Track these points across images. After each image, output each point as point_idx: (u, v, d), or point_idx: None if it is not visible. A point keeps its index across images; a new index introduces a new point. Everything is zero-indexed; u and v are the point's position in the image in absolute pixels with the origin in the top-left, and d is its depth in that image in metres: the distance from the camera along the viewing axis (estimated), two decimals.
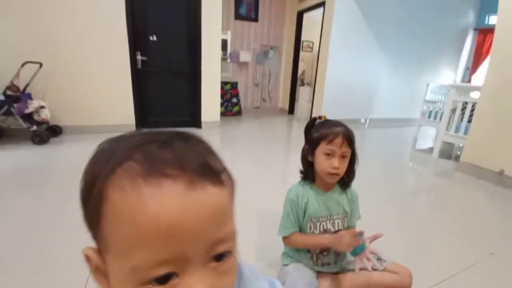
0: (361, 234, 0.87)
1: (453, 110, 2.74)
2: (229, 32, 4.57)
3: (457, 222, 1.63)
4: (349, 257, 1.02)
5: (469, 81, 5.14)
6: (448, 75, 5.21)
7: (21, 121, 2.35)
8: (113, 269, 0.22)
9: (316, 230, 0.93)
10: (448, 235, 1.47)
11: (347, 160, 0.88)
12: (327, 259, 0.96)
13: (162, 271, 0.20)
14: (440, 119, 2.96)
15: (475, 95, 2.65)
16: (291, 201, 0.93)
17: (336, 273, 0.98)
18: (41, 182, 1.77)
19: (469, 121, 2.55)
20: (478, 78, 4.98)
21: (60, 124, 2.78)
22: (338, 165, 0.86)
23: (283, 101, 5.31)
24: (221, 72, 4.54)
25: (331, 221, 0.94)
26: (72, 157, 2.24)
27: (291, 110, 5.11)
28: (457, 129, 2.70)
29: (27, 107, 2.35)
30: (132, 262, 0.20)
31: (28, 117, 2.40)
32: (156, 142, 0.23)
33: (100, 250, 0.23)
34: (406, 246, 1.33)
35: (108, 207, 0.21)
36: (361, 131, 4.12)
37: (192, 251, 0.21)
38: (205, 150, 0.26)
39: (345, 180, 0.95)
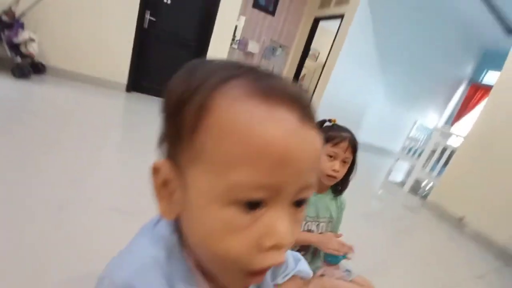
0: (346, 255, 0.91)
1: (433, 151, 2.92)
2: (242, 18, 4.48)
3: (414, 252, 1.77)
4: (319, 264, 1.06)
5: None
6: (434, 118, 5.53)
7: (7, 49, 2.16)
8: (199, 183, 0.21)
9: (301, 229, 0.96)
10: (404, 261, 1.58)
11: (347, 166, 0.91)
12: (305, 257, 0.99)
13: (257, 194, 0.20)
14: (419, 156, 3.14)
15: (454, 142, 2.85)
16: None
17: None
18: (14, 120, 1.63)
19: (444, 165, 2.73)
20: (459, 127, 5.34)
21: (46, 63, 2.57)
22: (339, 169, 0.89)
23: None
24: (226, 56, 4.46)
25: (316, 223, 0.97)
26: (51, 99, 2.10)
27: None
28: (432, 169, 2.88)
29: (16, 37, 2.16)
30: (232, 179, 0.19)
31: (15, 47, 2.21)
32: (259, 72, 0.22)
33: (179, 164, 0.22)
34: (366, 265, 1.40)
35: (213, 118, 0.20)
36: None
37: (290, 185, 0.21)
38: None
39: (339, 187, 0.98)
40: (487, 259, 2.02)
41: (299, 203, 0.23)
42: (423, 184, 3.39)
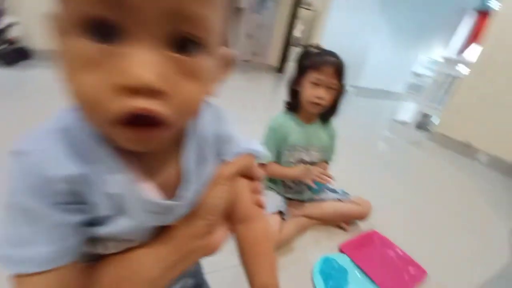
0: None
1: (441, 83, 2.80)
2: None
3: (419, 182, 1.80)
4: (322, 193, 1.10)
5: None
6: (439, 52, 5.21)
7: None
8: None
9: (292, 158, 0.97)
10: (407, 185, 1.61)
11: (333, 92, 0.89)
12: (299, 187, 1.03)
13: (95, 11, 0.16)
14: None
15: (462, 70, 2.70)
16: (272, 129, 0.95)
17: (304, 202, 1.07)
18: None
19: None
20: (466, 56, 5.04)
21: (33, 47, 2.52)
22: (323, 96, 0.87)
23: (274, 58, 5.12)
24: None
25: (308, 152, 0.99)
26: (40, 85, 2.10)
27: (280, 69, 4.97)
28: (438, 101, 2.80)
29: None
30: None
31: None
32: None
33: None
34: (371, 192, 1.45)
35: None
36: (348, 98, 4.16)
37: (144, 3, 0.16)
38: None
39: (326, 114, 0.97)
40: (497, 178, 2.05)
41: (183, 45, 0.18)
42: (431, 119, 3.32)
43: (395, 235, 1.08)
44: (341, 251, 0.96)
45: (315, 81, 0.86)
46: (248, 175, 0.34)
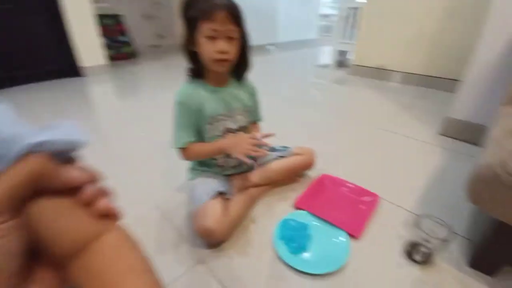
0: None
1: (346, 18, 2.90)
2: None
3: (348, 110, 1.87)
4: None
5: None
6: None
7: None
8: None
9: (217, 131, 0.84)
10: (341, 120, 1.66)
11: (235, 43, 0.75)
12: (235, 160, 0.91)
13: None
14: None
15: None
16: (180, 104, 0.79)
17: (247, 172, 0.96)
18: None
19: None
20: None
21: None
22: (227, 48, 0.72)
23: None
24: (96, 2, 3.59)
25: (232, 118, 0.86)
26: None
27: None
28: (349, 36, 2.92)
29: None
30: None
31: None
32: None
33: None
34: (311, 133, 1.43)
35: None
36: (270, 56, 4.12)
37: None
38: None
39: (239, 69, 0.84)
40: (411, 90, 2.27)
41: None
42: (347, 55, 3.50)
43: (344, 171, 1.08)
44: (297, 207, 0.90)
45: (210, 33, 0.71)
46: (58, 184, 0.19)
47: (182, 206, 0.92)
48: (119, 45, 3.79)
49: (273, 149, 1.01)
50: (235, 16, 0.72)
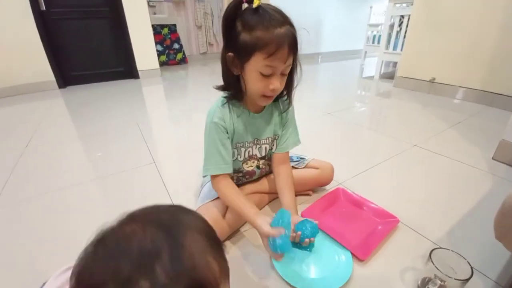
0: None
1: (391, 27, 2.72)
2: None
3: (387, 124, 1.73)
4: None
5: None
6: None
7: None
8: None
9: (240, 156, 0.82)
10: (376, 134, 1.53)
11: (286, 77, 0.66)
12: (251, 178, 0.91)
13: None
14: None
15: (409, 8, 2.62)
16: (216, 125, 0.70)
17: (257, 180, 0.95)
18: None
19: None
20: None
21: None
22: (279, 87, 0.64)
23: None
24: (155, 13, 4.00)
25: (258, 146, 0.82)
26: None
27: None
28: (395, 47, 2.72)
29: None
30: None
31: None
32: (143, 277, 0.20)
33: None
34: (341, 146, 1.36)
35: None
36: (315, 65, 4.06)
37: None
38: (200, 250, 0.24)
39: (283, 100, 0.78)
40: (466, 106, 2.01)
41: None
42: (395, 66, 3.26)
43: (368, 189, 1.00)
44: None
45: (266, 71, 0.61)
46: None
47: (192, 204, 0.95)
48: (172, 52, 4.14)
49: (289, 159, 0.99)
50: (295, 49, 0.61)
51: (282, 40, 0.57)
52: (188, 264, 0.22)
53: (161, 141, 1.56)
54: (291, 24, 0.60)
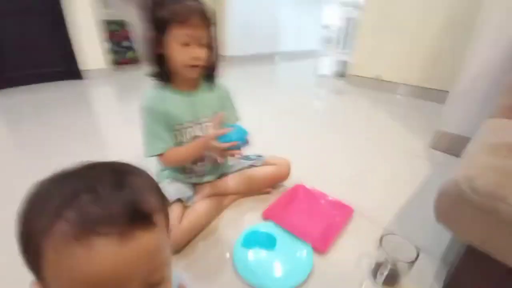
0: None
1: (344, 28, 2.89)
2: None
3: (340, 120, 1.83)
4: (231, 162, 0.97)
5: None
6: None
7: None
8: None
9: (184, 138, 0.80)
10: (330, 130, 1.61)
11: (205, 48, 0.72)
12: (202, 169, 0.88)
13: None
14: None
15: (358, 11, 2.81)
16: (148, 109, 0.75)
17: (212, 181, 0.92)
18: None
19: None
20: None
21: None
22: (201, 55, 0.70)
23: None
24: (105, 8, 3.67)
25: (199, 126, 0.82)
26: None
27: None
28: (345, 46, 2.90)
29: None
30: None
31: None
32: (86, 192, 0.23)
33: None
34: (296, 143, 1.39)
35: (46, 265, 0.22)
36: (273, 66, 4.14)
37: None
38: (140, 187, 0.26)
39: (210, 73, 0.80)
40: (406, 101, 2.22)
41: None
42: (347, 65, 3.46)
43: (325, 183, 1.03)
44: (265, 218, 0.85)
45: (184, 39, 0.68)
46: None
47: None
48: (123, 50, 3.86)
49: (246, 158, 0.98)
50: (209, 21, 0.70)
51: (193, 9, 0.66)
52: (129, 190, 0.24)
53: (113, 147, 1.43)
54: (198, 1, 0.69)
